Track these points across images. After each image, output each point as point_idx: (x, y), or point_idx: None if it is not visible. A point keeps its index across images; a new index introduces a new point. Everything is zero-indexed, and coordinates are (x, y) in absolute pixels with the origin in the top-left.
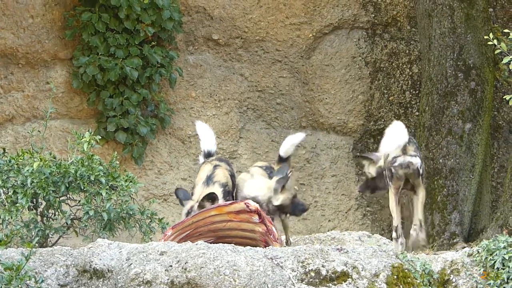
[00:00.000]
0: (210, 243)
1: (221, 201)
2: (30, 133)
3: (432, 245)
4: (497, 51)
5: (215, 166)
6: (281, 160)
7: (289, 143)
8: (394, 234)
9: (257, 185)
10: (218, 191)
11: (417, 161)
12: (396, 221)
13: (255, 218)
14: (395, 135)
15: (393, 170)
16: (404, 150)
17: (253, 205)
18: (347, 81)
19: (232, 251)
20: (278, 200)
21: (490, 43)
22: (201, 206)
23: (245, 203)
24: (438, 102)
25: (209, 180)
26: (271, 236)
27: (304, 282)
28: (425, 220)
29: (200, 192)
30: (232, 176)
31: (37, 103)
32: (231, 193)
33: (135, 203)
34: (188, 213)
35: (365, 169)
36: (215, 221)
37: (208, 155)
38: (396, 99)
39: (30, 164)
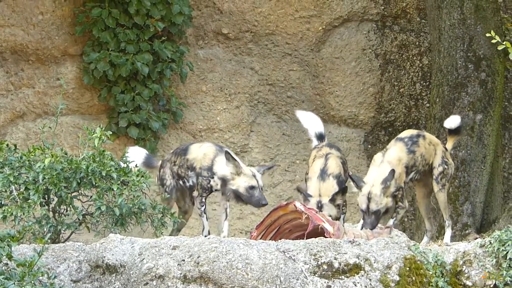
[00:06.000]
0: (301, 235)
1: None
2: (41, 130)
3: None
4: (500, 47)
5: (327, 156)
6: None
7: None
8: (448, 223)
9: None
10: (333, 183)
11: None
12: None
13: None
14: None
15: (450, 170)
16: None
17: (299, 206)
18: (357, 74)
19: (244, 245)
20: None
21: (493, 41)
22: (333, 200)
23: (293, 204)
24: (449, 94)
25: (323, 173)
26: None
27: (316, 275)
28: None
29: (316, 186)
30: (344, 164)
31: (47, 99)
32: (344, 182)
33: (147, 198)
34: (319, 207)
35: (367, 203)
36: (291, 219)
37: (320, 137)
38: (406, 91)
39: (42, 160)
